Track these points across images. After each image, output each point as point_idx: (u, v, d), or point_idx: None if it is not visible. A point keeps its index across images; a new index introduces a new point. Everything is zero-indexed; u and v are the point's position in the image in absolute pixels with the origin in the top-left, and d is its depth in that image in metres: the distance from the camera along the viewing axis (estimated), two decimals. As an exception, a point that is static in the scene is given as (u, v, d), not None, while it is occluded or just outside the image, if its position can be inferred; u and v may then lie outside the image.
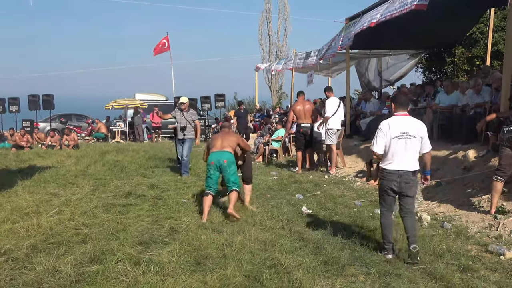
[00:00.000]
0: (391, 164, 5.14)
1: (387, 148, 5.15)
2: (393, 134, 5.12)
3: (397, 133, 5.12)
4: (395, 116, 5.27)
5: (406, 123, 5.18)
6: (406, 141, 5.09)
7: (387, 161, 5.17)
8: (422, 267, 4.81)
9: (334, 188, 9.38)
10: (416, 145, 5.14)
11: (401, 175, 5.08)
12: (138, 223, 6.35)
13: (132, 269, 4.52)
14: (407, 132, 5.11)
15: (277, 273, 4.57)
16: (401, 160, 5.09)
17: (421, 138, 5.17)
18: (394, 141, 5.11)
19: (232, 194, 6.87)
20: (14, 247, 5.20)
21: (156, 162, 13.06)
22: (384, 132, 5.18)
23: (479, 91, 9.68)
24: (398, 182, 5.10)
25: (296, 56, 20.37)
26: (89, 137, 22.76)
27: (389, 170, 5.14)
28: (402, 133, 5.11)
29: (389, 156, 5.15)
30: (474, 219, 6.61)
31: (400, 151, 5.09)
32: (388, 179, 5.15)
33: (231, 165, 6.96)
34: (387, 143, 5.15)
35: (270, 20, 37.35)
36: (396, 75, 17.98)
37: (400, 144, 5.09)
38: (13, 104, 22.22)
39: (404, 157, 5.09)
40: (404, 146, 5.09)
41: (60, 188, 9.05)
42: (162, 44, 25.70)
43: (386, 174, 5.17)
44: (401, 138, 5.10)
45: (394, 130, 5.13)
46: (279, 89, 37.68)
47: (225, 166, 6.90)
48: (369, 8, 11.80)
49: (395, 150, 5.10)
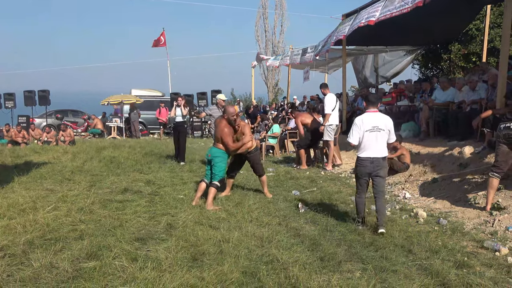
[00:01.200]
0: (365, 152, 6.10)
1: (361, 139, 6.10)
2: (366, 127, 6.08)
3: (369, 127, 6.07)
4: (367, 112, 6.23)
5: (377, 118, 6.15)
6: (376, 134, 6.05)
7: (362, 150, 6.13)
8: (418, 263, 4.83)
9: (331, 184, 9.40)
10: (384, 137, 6.11)
11: (373, 161, 6.06)
12: (135, 219, 6.35)
13: (129, 265, 4.53)
14: (377, 126, 6.08)
15: (274, 269, 4.59)
16: (373, 149, 6.06)
17: (389, 131, 6.13)
18: (367, 134, 6.06)
19: (210, 189, 7.32)
20: (11, 243, 5.19)
21: (153, 158, 13.06)
22: (358, 126, 6.14)
23: (473, 88, 9.72)
24: (371, 167, 6.07)
25: (293, 52, 20.37)
26: (85, 133, 22.72)
27: (364, 157, 6.11)
28: (373, 126, 6.07)
29: (363, 146, 6.12)
30: (470, 215, 6.64)
31: (372, 142, 6.06)
32: (363, 165, 6.12)
33: (214, 159, 7.43)
34: (361, 136, 6.10)
35: (266, 16, 37.38)
36: (393, 72, 18.00)
37: (372, 136, 6.06)
38: (8, 99, 22.13)
39: (375, 146, 6.06)
40: (375, 137, 6.06)
41: (56, 184, 9.04)
42: (159, 39, 25.71)
43: (361, 161, 6.13)
44: (372, 131, 6.06)
45: (367, 125, 6.09)
46: (276, 85, 37.70)
47: (210, 159, 7.48)
48: (366, 4, 11.80)
49: (367, 141, 6.07)
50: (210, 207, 7.08)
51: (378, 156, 6.07)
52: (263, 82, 37.78)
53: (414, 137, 11.25)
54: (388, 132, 6.11)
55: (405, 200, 8.02)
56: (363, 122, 6.12)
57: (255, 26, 37.47)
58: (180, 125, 12.64)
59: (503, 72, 8.19)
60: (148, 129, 23.40)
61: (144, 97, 23.45)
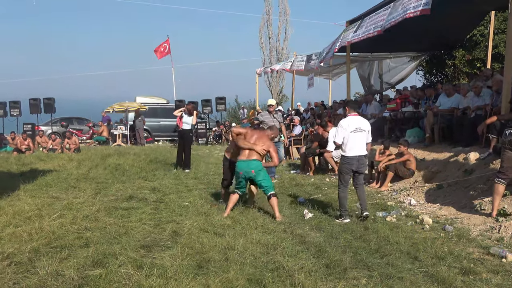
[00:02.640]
0: (352, 151, 6.85)
1: (346, 140, 6.86)
2: (351, 129, 6.86)
3: (353, 128, 6.87)
4: (350, 116, 7.06)
5: (358, 121, 7.00)
6: (359, 134, 6.88)
7: (348, 150, 6.87)
8: (424, 270, 4.81)
9: (336, 191, 9.34)
10: (365, 137, 6.96)
11: (358, 159, 6.90)
12: (140, 226, 6.35)
13: (135, 272, 4.53)
14: (360, 127, 6.91)
15: (280, 276, 4.58)
16: (358, 148, 6.87)
17: (368, 132, 6.99)
18: (352, 135, 6.85)
19: (272, 201, 7.02)
20: (16, 251, 5.21)
21: (158, 166, 13.08)
22: (344, 128, 6.90)
23: (478, 93, 9.70)
24: (357, 164, 6.90)
25: (296, 59, 20.40)
26: (90, 141, 22.78)
27: (351, 156, 6.87)
28: (356, 128, 6.89)
29: (349, 146, 6.86)
30: (475, 221, 6.61)
31: (356, 142, 6.86)
32: (349, 163, 6.89)
33: (260, 173, 7.06)
34: (345, 136, 6.86)
35: (270, 22, 37.34)
36: (397, 78, 17.98)
37: (356, 136, 6.86)
38: (14, 107, 22.25)
39: (359, 146, 6.89)
40: (359, 138, 6.89)
41: (62, 191, 9.06)
42: (163, 47, 25.73)
43: (348, 159, 6.90)
44: (356, 132, 6.87)
45: (351, 126, 6.88)
46: (280, 91, 37.69)
47: (254, 175, 7.06)
48: (369, 11, 11.82)
49: (353, 141, 6.85)
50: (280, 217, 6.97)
51: (362, 154, 6.93)
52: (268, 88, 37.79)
53: (419, 143, 11.22)
54: (367, 133, 6.99)
55: (410, 206, 7.99)
56: (348, 124, 6.90)
57: (259, 33, 37.49)
58: (186, 133, 12.62)
59: (508, 78, 8.16)
60: (153, 136, 23.44)
61: (149, 105, 23.50)
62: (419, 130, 11.77)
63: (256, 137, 7.28)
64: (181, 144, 12.66)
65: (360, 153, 6.91)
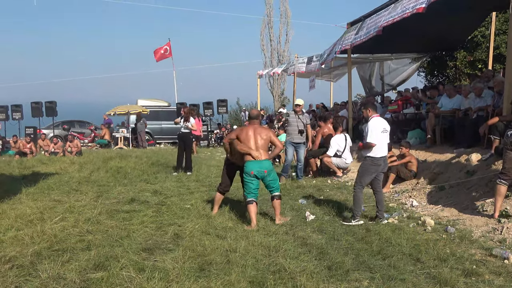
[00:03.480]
0: (380, 152, 6.87)
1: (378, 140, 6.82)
2: (380, 129, 6.88)
3: (381, 129, 6.90)
4: (376, 117, 7.04)
5: (383, 122, 7.06)
6: (385, 135, 6.96)
7: (377, 151, 6.83)
8: (426, 272, 4.80)
9: (337, 193, 9.38)
10: (388, 137, 7.06)
11: (385, 159, 7.01)
12: (142, 229, 6.35)
13: (137, 275, 4.52)
14: (385, 128, 6.98)
15: (281, 278, 4.57)
16: (384, 149, 6.95)
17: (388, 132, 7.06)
18: (380, 135, 6.87)
19: (275, 203, 6.94)
20: (18, 254, 5.21)
21: (159, 168, 13.09)
22: (376, 128, 6.86)
23: (479, 94, 9.69)
24: (383, 165, 7.00)
25: (297, 61, 20.43)
26: (92, 144, 22.80)
27: (379, 157, 6.88)
28: (384, 128, 6.95)
29: (378, 146, 6.84)
30: (478, 223, 6.60)
31: (384, 143, 6.92)
32: (377, 163, 6.89)
33: (271, 173, 6.94)
34: (378, 137, 6.81)
35: (271, 25, 37.35)
36: (398, 79, 17.98)
37: (383, 137, 6.90)
38: (16, 111, 22.30)
39: (385, 146, 6.97)
40: (385, 138, 6.96)
41: (64, 195, 9.06)
42: (164, 50, 25.74)
43: (376, 160, 6.87)
44: (383, 133, 6.92)
45: (380, 127, 6.91)
46: (281, 94, 37.69)
47: (266, 175, 6.90)
48: (370, 13, 11.83)
49: (381, 142, 6.88)
50: (282, 220, 6.89)
51: (386, 155, 7.09)
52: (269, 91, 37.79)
53: (420, 145, 11.21)
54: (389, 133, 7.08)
55: (412, 208, 7.98)
56: (378, 125, 6.92)
57: (260, 35, 37.51)
58: (185, 135, 12.68)
59: (510, 78, 8.16)
60: (155, 139, 23.46)
61: (151, 107, 23.53)
62: (420, 131, 11.76)
63: (252, 134, 6.91)
64: (182, 147, 12.69)
65: (386, 154, 7.04)
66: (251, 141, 6.89)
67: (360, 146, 7.59)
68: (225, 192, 7.59)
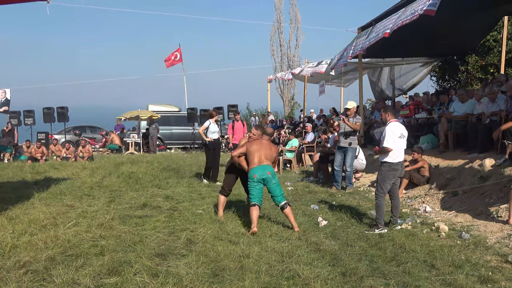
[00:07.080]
0: (397, 157, 6.85)
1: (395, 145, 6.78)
2: (397, 135, 6.83)
3: (399, 134, 6.86)
4: (394, 122, 6.98)
5: (401, 127, 7.01)
6: (403, 140, 6.93)
7: (395, 156, 6.81)
8: (442, 278, 4.76)
9: (350, 198, 9.34)
10: (405, 143, 7.02)
11: (402, 164, 6.98)
12: (155, 234, 6.36)
13: (150, 281, 4.53)
14: (403, 133, 6.94)
15: (295, 284, 4.55)
16: (402, 154, 6.94)
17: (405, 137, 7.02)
18: (398, 140, 6.82)
19: (286, 211, 6.85)
20: (32, 260, 5.23)
21: (170, 173, 13.12)
22: (394, 133, 6.81)
23: (494, 99, 9.60)
24: (401, 170, 6.99)
25: (307, 65, 20.44)
26: (103, 149, 22.91)
27: (397, 162, 6.85)
28: (401, 134, 6.90)
29: (396, 152, 6.81)
30: (492, 229, 6.53)
31: (401, 148, 6.90)
32: (395, 169, 6.87)
33: (274, 176, 6.96)
34: (395, 142, 6.78)
35: (281, 30, 37.45)
36: (409, 84, 17.86)
37: (401, 142, 6.89)
38: (28, 116, 22.44)
39: (402, 152, 6.95)
40: (403, 144, 6.93)
41: (76, 200, 9.10)
42: (174, 56, 25.87)
43: (395, 165, 6.85)
44: (401, 138, 6.89)
45: (397, 132, 6.85)
46: (291, 99, 37.70)
47: (270, 177, 6.88)
48: (381, 16, 11.79)
49: (399, 147, 6.84)
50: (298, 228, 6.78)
51: (403, 160, 7.07)
52: (279, 96, 37.83)
53: (433, 150, 11.13)
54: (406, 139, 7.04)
55: (425, 213, 7.92)
56: (396, 130, 6.87)
57: (270, 41, 37.59)
58: (216, 143, 12.05)
59: (523, 83, 8.09)
60: (165, 144, 23.53)
61: (161, 113, 23.61)
62: (433, 136, 11.69)
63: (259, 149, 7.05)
64: (212, 155, 11.86)
65: (403, 159, 7.02)
66: (256, 155, 7.02)
67: (376, 150, 7.62)
68: (228, 194, 7.74)
